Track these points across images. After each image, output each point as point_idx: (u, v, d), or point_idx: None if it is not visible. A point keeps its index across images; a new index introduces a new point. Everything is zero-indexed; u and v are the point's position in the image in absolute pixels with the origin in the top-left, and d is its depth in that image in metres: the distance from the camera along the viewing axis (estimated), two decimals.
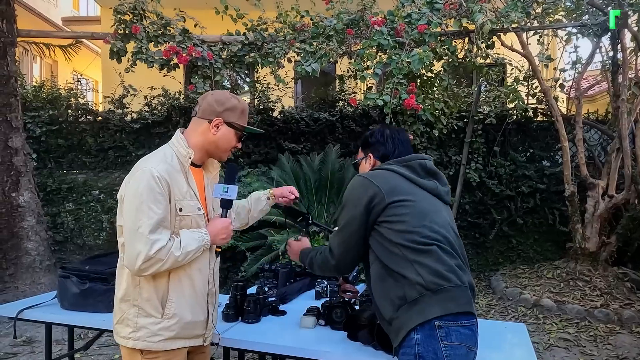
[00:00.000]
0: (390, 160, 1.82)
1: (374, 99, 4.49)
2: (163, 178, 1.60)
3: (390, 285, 1.62)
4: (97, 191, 6.34)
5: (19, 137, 5.22)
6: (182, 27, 5.04)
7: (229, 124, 1.76)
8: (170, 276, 1.66)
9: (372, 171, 1.80)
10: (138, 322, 1.65)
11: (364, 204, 1.66)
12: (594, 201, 5.33)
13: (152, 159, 1.68)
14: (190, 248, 1.63)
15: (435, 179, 1.80)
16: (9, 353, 3.84)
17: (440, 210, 1.73)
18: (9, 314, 2.39)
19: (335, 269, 1.80)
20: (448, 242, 1.65)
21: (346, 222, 1.71)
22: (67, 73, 10.71)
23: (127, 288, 1.67)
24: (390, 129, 1.93)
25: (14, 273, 5.19)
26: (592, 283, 5.06)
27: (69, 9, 14.83)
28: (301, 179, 5.95)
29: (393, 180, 1.71)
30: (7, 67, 5.10)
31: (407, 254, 1.59)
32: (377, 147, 1.90)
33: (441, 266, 1.58)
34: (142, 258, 1.54)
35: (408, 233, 1.61)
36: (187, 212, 1.68)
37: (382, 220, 1.65)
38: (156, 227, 1.56)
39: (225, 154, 1.82)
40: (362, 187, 1.70)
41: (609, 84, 5.58)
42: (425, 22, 4.63)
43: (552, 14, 5.35)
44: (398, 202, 1.65)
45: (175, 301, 1.66)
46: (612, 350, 4.00)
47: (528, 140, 6.48)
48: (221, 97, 1.77)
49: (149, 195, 1.57)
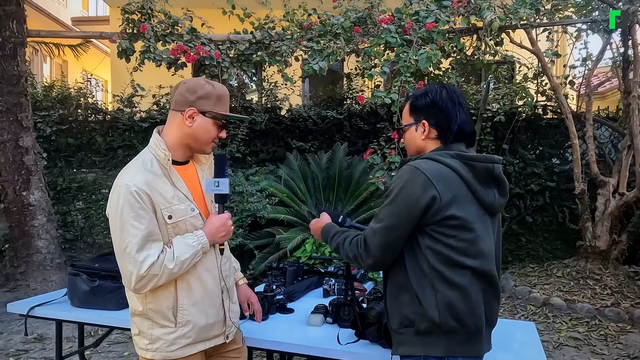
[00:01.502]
0: (451, 149, 1.50)
1: (382, 97, 4.48)
2: (142, 190, 1.50)
3: (405, 302, 1.49)
4: (106, 190, 6.38)
5: (29, 136, 5.27)
6: (189, 26, 5.06)
7: (204, 113, 1.62)
8: (178, 283, 1.59)
9: (430, 164, 1.46)
10: (153, 334, 1.60)
11: (420, 207, 1.41)
12: (605, 199, 5.28)
13: (130, 171, 1.57)
14: (184, 257, 1.54)
15: (498, 188, 1.54)
16: (21, 350, 3.89)
17: (490, 233, 1.52)
18: (20, 311, 2.42)
19: (369, 268, 1.60)
20: (485, 276, 1.47)
21: (392, 224, 1.45)
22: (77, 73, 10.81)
23: (136, 304, 1.62)
24: (448, 89, 1.57)
25: (25, 271, 5.25)
26: (602, 282, 5.02)
27: (78, 9, 14.94)
28: (309, 177, 5.95)
29: (454, 185, 1.44)
30: (17, 67, 5.15)
31: (436, 281, 1.42)
32: (432, 111, 1.55)
33: (464, 307, 1.42)
34: (135, 279, 1.49)
35: (447, 259, 1.42)
36: (178, 218, 1.58)
37: (428, 232, 1.44)
38: (143, 244, 1.49)
39: (207, 146, 1.67)
40: (420, 186, 1.41)
41: (619, 81, 5.52)
42: (433, 19, 4.61)
43: (562, 10, 5.30)
44: (452, 219, 1.42)
45: (186, 308, 1.60)
46: (622, 350, 3.96)
47: (537, 137, 6.43)
48: (193, 85, 1.62)
49: (129, 212, 1.48)
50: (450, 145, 1.53)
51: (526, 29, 5.03)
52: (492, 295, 1.50)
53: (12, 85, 5.12)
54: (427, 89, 1.60)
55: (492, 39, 4.75)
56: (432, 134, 1.56)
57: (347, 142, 6.25)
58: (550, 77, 5.41)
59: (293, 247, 5.03)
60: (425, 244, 1.44)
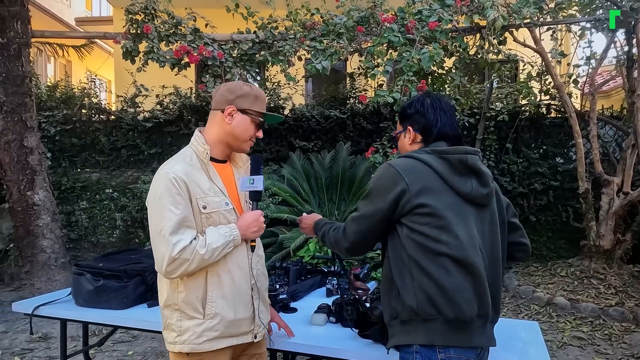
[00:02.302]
0: (429, 147, 1.62)
1: (384, 97, 4.48)
2: (180, 178, 1.58)
3: (393, 294, 1.56)
4: (110, 189, 6.41)
5: (33, 136, 5.29)
6: (192, 26, 5.06)
7: (242, 111, 1.70)
8: (208, 275, 1.63)
9: (403, 160, 1.59)
10: (182, 326, 1.63)
11: (390, 200, 1.52)
12: (609, 198, 5.26)
13: (170, 162, 1.67)
14: (216, 245, 1.59)
15: (477, 178, 1.59)
16: (26, 349, 3.91)
17: (468, 221, 1.54)
18: (25, 310, 2.43)
19: (346, 252, 1.71)
20: (464, 265, 1.48)
21: (366, 213, 1.59)
22: (81, 73, 10.85)
23: (168, 293, 1.66)
24: (431, 97, 1.72)
25: (30, 270, 5.28)
26: (606, 281, 5.00)
27: (82, 10, 14.99)
28: (312, 176, 5.96)
29: (425, 177, 1.53)
30: (21, 68, 5.17)
31: (413, 269, 1.49)
32: (416, 118, 1.69)
33: (439, 294, 1.46)
34: (167, 260, 1.53)
35: (422, 247, 1.49)
36: (212, 209, 1.64)
37: (404, 222, 1.53)
38: (177, 228, 1.55)
39: (245, 144, 1.75)
40: (390, 180, 1.54)
41: (623, 79, 5.50)
42: (436, 19, 4.60)
43: (566, 8, 5.27)
44: (422, 207, 1.50)
45: (215, 300, 1.63)
46: (627, 349, 3.95)
47: (541, 136, 6.41)
48: (233, 86, 1.73)
49: (167, 197, 1.56)
50: (431, 145, 1.64)
51: (530, 27, 5.02)
52: (481, 285, 1.50)
53: (17, 86, 5.14)
54: (413, 99, 1.75)
55: (496, 38, 4.74)
56: (418, 139, 1.70)
57: (350, 141, 6.26)
58: (554, 76, 5.39)
59: (296, 247, 5.03)
60: (403, 234, 1.53)
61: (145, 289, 2.46)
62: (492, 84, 6.27)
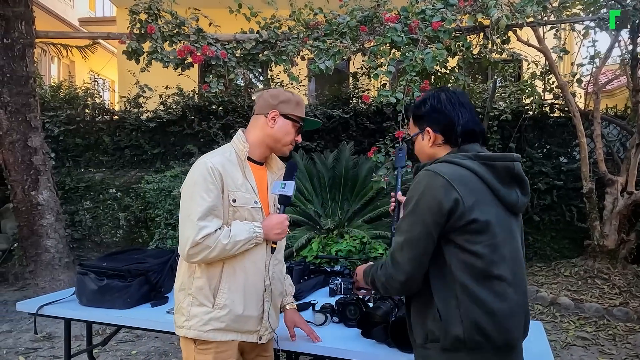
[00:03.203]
0: (470, 152, 1.44)
1: (387, 96, 4.47)
2: (216, 169, 1.64)
3: (429, 316, 1.40)
4: (114, 189, 6.43)
5: (37, 136, 5.31)
6: (196, 26, 5.07)
7: (285, 116, 1.77)
8: (224, 267, 1.68)
9: (448, 167, 1.39)
10: (191, 311, 1.68)
11: (444, 212, 1.33)
12: (613, 198, 5.24)
13: (210, 154, 1.74)
14: (239, 238, 1.63)
15: (519, 187, 1.46)
16: (30, 348, 3.92)
17: (515, 236, 1.44)
18: (29, 310, 2.44)
19: (403, 288, 1.43)
20: (512, 283, 1.38)
21: (417, 234, 1.36)
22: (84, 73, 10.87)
23: (183, 277, 1.72)
24: (447, 91, 1.54)
25: (34, 270, 5.30)
26: (610, 281, 4.98)
27: (85, 10, 15.03)
28: (315, 176, 5.96)
29: (476, 187, 1.37)
30: (26, 68, 5.19)
31: (459, 294, 1.34)
32: (434, 117, 1.51)
33: (490, 322, 1.33)
34: (190, 243, 1.57)
35: (472, 269, 1.34)
36: (241, 204, 1.69)
37: (452, 239, 1.36)
38: (206, 215, 1.60)
39: (286, 147, 1.82)
40: (441, 190, 1.34)
41: (628, 79, 5.48)
42: (439, 18, 4.59)
43: (569, 7, 5.26)
44: (475, 223, 1.34)
45: (226, 292, 1.67)
46: (631, 349, 3.93)
47: (545, 136, 6.39)
48: (275, 92, 1.81)
49: (201, 184, 1.62)
50: (463, 147, 1.48)
51: (533, 26, 5.00)
52: (526, 304, 1.42)
53: (21, 86, 5.16)
54: (426, 95, 1.58)
55: (499, 37, 4.72)
56: (439, 140, 1.52)
57: (353, 141, 6.25)
58: (557, 75, 5.38)
59: (299, 247, 5.04)
60: (450, 253, 1.36)
61: (149, 289, 2.47)
62: (496, 83, 6.25)
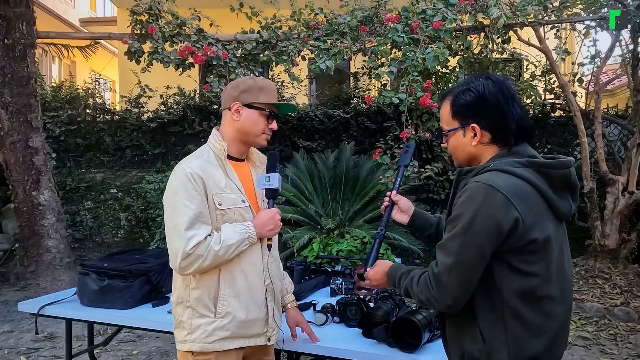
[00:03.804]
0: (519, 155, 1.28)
1: (390, 97, 4.47)
2: (196, 174, 1.58)
3: (468, 335, 1.29)
4: (115, 189, 6.44)
5: (39, 137, 5.32)
6: (197, 26, 5.08)
7: (248, 105, 1.69)
8: (221, 273, 1.61)
9: (505, 179, 1.22)
10: (193, 324, 1.61)
11: (503, 234, 1.18)
12: (614, 197, 5.24)
13: (188, 158, 1.68)
14: (231, 242, 1.57)
15: (571, 194, 1.32)
16: (31, 348, 3.93)
17: (565, 247, 1.34)
18: (30, 310, 2.45)
19: (447, 310, 1.30)
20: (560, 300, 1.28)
21: (470, 257, 1.21)
22: (85, 73, 10.89)
23: (180, 290, 1.65)
24: (495, 80, 1.31)
25: (35, 270, 5.30)
26: (611, 281, 4.98)
27: (86, 10, 15.05)
28: (316, 176, 5.96)
29: (534, 203, 1.23)
30: (27, 69, 5.19)
31: (507, 317, 1.22)
32: (483, 110, 1.29)
33: (540, 348, 1.24)
34: (181, 255, 1.52)
35: (524, 291, 1.22)
36: (227, 206, 1.63)
37: (506, 259, 1.22)
38: (193, 223, 1.54)
39: (259, 138, 1.73)
40: (500, 208, 1.18)
41: (629, 78, 5.47)
42: (440, 18, 4.59)
43: (570, 7, 5.25)
44: (534, 244, 1.21)
45: (227, 299, 1.61)
46: (632, 349, 3.93)
47: (545, 136, 6.38)
48: (236, 82, 1.74)
49: (182, 192, 1.56)
50: (515, 150, 1.30)
51: (534, 26, 5.00)
52: (568, 320, 1.34)
53: (22, 87, 5.16)
54: (470, 82, 1.33)
55: (500, 37, 4.72)
56: (485, 138, 1.31)
57: (354, 141, 6.25)
58: (558, 75, 5.37)
59: (300, 247, 5.03)
60: (501, 275, 1.23)
61: (150, 289, 2.47)
62: None
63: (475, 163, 1.37)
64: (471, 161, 1.38)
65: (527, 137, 1.33)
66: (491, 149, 1.33)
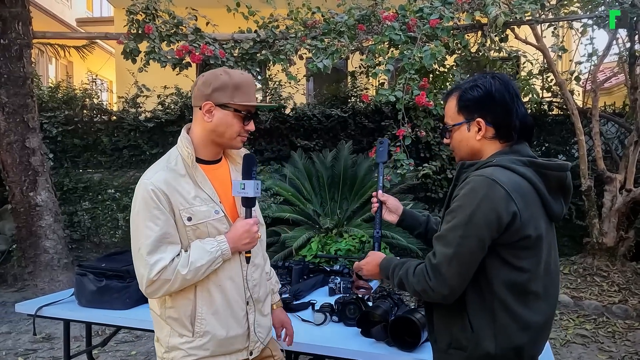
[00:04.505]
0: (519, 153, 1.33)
1: (386, 95, 4.47)
2: (159, 189, 1.43)
3: (457, 324, 1.33)
4: (112, 190, 6.42)
5: (35, 137, 5.30)
6: (194, 25, 5.07)
7: (222, 106, 1.49)
8: (197, 290, 1.49)
9: (506, 175, 1.26)
10: (170, 343, 1.51)
11: (503, 226, 1.23)
12: (612, 195, 5.25)
13: (152, 169, 1.52)
14: (200, 263, 1.43)
15: (564, 197, 1.38)
16: (29, 349, 3.92)
17: (554, 246, 1.37)
18: (28, 311, 2.43)
19: (443, 300, 1.32)
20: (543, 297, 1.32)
21: (473, 246, 1.24)
22: (82, 73, 10.87)
23: (157, 306, 1.54)
24: (501, 78, 1.36)
25: (33, 271, 5.29)
26: (609, 278, 4.99)
27: (83, 10, 15.00)
28: (314, 175, 5.95)
29: (531, 199, 1.27)
30: (23, 69, 5.18)
31: (497, 310, 1.27)
32: (489, 105, 1.34)
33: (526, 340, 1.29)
34: (145, 282, 1.42)
35: (514, 285, 1.27)
36: (198, 220, 1.48)
37: (499, 252, 1.27)
38: (156, 247, 1.41)
39: (234, 141, 1.55)
40: (501, 202, 1.22)
41: (626, 76, 5.48)
42: (437, 16, 4.59)
43: (567, 5, 5.26)
44: (527, 240, 1.26)
45: (205, 317, 1.50)
46: (630, 347, 3.94)
47: (543, 134, 6.39)
48: (209, 77, 1.51)
49: (144, 212, 1.43)
50: (515, 147, 1.35)
51: (531, 24, 5.00)
52: (552, 318, 1.39)
53: (19, 87, 5.14)
54: (477, 80, 1.37)
55: (497, 35, 4.73)
56: (489, 133, 1.35)
57: (352, 140, 6.25)
58: (555, 73, 5.38)
59: (298, 246, 5.03)
60: (493, 267, 1.27)
61: None
62: None
63: (476, 158, 1.40)
64: (473, 156, 1.41)
65: (528, 135, 1.38)
66: (494, 145, 1.37)
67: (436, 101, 4.73)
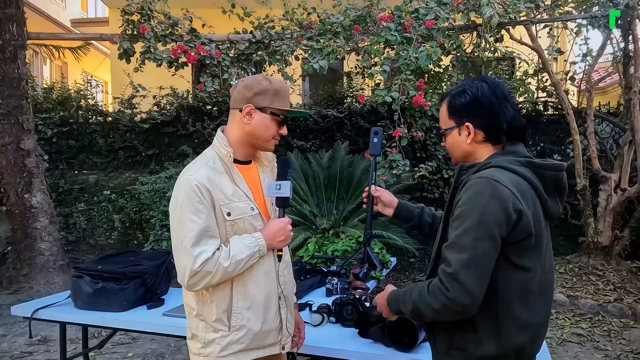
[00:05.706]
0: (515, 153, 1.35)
1: (382, 96, 4.48)
2: (202, 185, 1.49)
3: (457, 326, 1.33)
4: (108, 191, 6.40)
5: (30, 138, 5.28)
6: (189, 26, 5.06)
7: (262, 109, 1.58)
8: (234, 285, 1.55)
9: (508, 175, 1.27)
10: (206, 337, 1.56)
11: (511, 225, 1.23)
12: (607, 195, 5.27)
13: (193, 166, 1.59)
14: (240, 257, 1.50)
15: (560, 197, 1.40)
16: (25, 352, 3.90)
17: (549, 244, 1.39)
18: (24, 313, 2.42)
19: (463, 312, 1.26)
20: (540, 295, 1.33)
21: (488, 248, 1.23)
22: (77, 74, 10.83)
23: (193, 302, 1.59)
24: (489, 82, 1.38)
25: (28, 273, 5.26)
26: (605, 277, 5.01)
27: (78, 11, 14.95)
28: (310, 176, 5.95)
29: (531, 199, 1.29)
30: (17, 70, 5.16)
31: (500, 311, 1.28)
32: (477, 111, 1.37)
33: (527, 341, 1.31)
34: (188, 273, 1.46)
35: (517, 285, 1.28)
36: (237, 215, 1.55)
37: (504, 252, 1.26)
38: (200, 239, 1.47)
39: (268, 143, 1.64)
40: (508, 200, 1.23)
41: (620, 76, 5.51)
42: (432, 17, 4.61)
43: (562, 5, 5.29)
44: (530, 239, 1.27)
45: (241, 312, 1.56)
46: (626, 345, 3.96)
47: (538, 134, 6.41)
48: (250, 82, 1.60)
49: (188, 206, 1.48)
50: (508, 148, 1.37)
51: (526, 25, 5.02)
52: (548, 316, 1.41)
53: (13, 88, 5.12)
54: (465, 85, 1.41)
55: (492, 36, 4.75)
56: (479, 137, 1.38)
57: (348, 140, 6.24)
58: (550, 73, 5.40)
59: (295, 247, 5.02)
60: (497, 267, 1.25)
61: (145, 291, 2.46)
62: None
63: (470, 160, 1.43)
64: (467, 158, 1.44)
65: (520, 135, 1.40)
66: (486, 148, 1.40)
67: (432, 101, 4.74)
